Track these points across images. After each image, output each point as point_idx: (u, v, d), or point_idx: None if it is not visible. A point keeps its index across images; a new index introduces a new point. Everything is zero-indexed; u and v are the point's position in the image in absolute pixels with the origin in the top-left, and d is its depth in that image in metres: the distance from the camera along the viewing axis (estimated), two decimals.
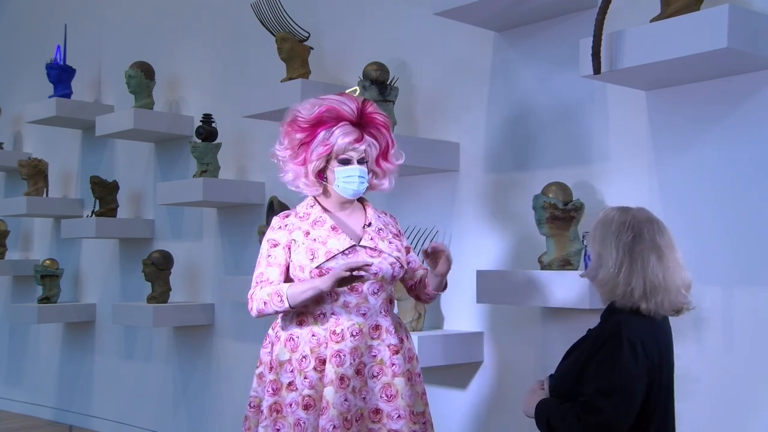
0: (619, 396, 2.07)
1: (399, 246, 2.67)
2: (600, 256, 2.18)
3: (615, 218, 2.21)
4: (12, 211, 5.84)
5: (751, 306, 2.68)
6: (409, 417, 2.51)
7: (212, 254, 4.83)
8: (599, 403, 2.06)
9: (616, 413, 2.06)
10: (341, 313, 2.54)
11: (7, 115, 6.64)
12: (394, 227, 2.75)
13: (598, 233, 2.21)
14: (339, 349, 2.50)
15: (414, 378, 2.64)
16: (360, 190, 2.62)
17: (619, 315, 2.16)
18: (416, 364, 2.68)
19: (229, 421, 4.65)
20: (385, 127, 2.64)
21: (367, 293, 2.56)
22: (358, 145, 2.56)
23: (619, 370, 2.07)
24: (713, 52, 2.45)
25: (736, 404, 2.71)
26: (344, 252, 2.54)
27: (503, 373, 3.39)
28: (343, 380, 2.48)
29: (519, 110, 3.39)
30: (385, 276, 2.58)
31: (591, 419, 2.06)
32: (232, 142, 4.67)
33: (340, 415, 2.44)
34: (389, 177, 2.72)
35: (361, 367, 2.53)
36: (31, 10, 6.74)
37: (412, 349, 2.69)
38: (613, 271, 2.14)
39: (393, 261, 2.60)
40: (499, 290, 3.14)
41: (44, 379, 6.12)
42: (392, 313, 2.68)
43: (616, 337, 2.10)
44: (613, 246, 2.16)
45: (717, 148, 2.78)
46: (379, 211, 2.76)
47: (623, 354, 2.07)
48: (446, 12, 3.21)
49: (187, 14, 5.16)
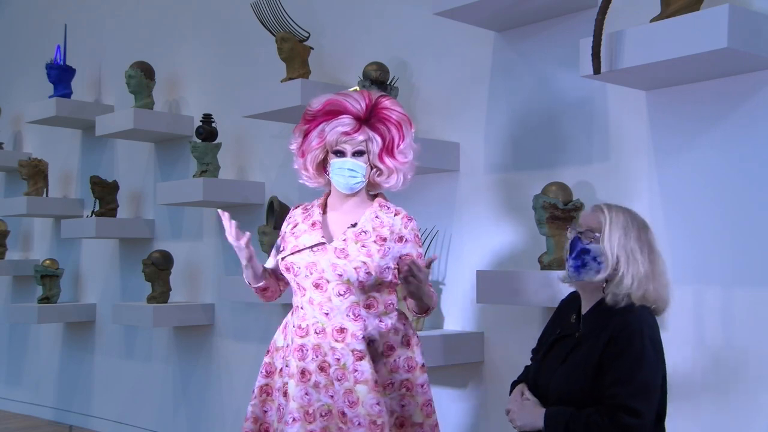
0: (651, 395, 2.07)
1: (374, 251, 2.51)
2: (625, 262, 2.16)
3: (628, 223, 2.20)
4: (12, 211, 5.84)
5: (751, 306, 2.68)
6: (368, 426, 2.43)
7: (212, 254, 4.83)
8: (635, 404, 2.03)
9: (650, 413, 2.06)
10: (307, 308, 2.55)
11: (7, 115, 6.64)
12: (395, 231, 2.58)
13: (616, 237, 2.18)
14: (302, 343, 2.53)
15: (415, 388, 2.57)
16: (352, 184, 2.58)
17: (633, 311, 2.14)
18: (419, 374, 2.59)
19: (229, 421, 4.65)
20: (394, 123, 2.56)
21: (332, 293, 2.51)
22: (353, 136, 2.53)
23: (648, 368, 2.07)
24: (713, 52, 2.45)
25: (736, 404, 2.71)
26: (311, 248, 2.54)
27: (503, 373, 3.39)
28: (304, 374, 2.50)
29: (519, 110, 3.39)
30: (350, 280, 2.49)
31: (627, 421, 2.02)
32: (232, 142, 4.67)
33: (300, 408, 2.47)
34: (397, 175, 2.61)
35: (325, 365, 2.50)
36: (31, 10, 6.74)
37: (414, 358, 2.60)
38: (639, 278, 2.15)
39: (358, 265, 2.48)
40: (499, 290, 3.14)
41: (44, 379, 6.12)
42: (372, 319, 2.54)
43: (640, 336, 2.08)
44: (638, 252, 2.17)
45: (717, 148, 2.78)
46: (391, 210, 2.62)
47: (649, 352, 2.07)
48: (446, 12, 3.21)
49: (187, 14, 5.16)
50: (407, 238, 2.59)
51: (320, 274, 2.51)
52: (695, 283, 2.79)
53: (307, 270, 2.53)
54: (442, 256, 3.63)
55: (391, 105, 2.58)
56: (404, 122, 2.59)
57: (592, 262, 2.20)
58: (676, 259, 2.75)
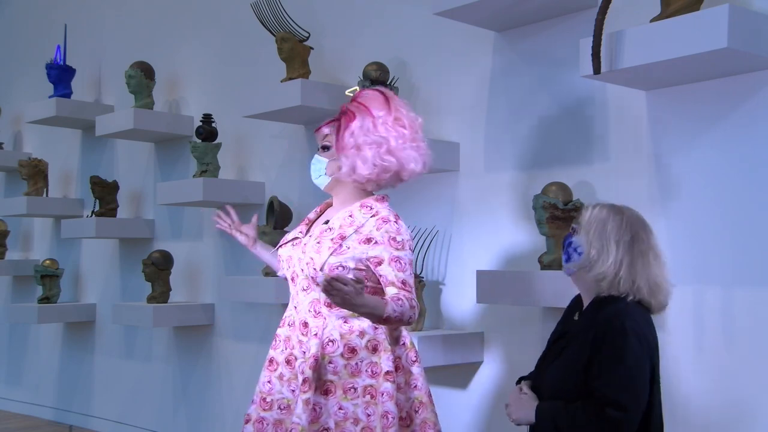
0: (636, 388, 2.07)
1: (325, 249, 2.45)
2: (597, 251, 2.19)
3: (611, 216, 2.23)
4: (12, 211, 5.84)
5: (751, 306, 2.68)
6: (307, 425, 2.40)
7: (212, 254, 4.83)
8: (620, 398, 2.04)
9: (636, 405, 2.06)
10: (289, 301, 2.62)
11: (7, 115, 6.64)
12: (363, 231, 2.46)
13: (593, 228, 2.21)
14: (278, 333, 2.60)
15: (377, 396, 2.42)
16: (314, 180, 2.59)
17: (618, 305, 2.16)
18: (382, 382, 2.42)
19: (229, 421, 4.65)
20: (347, 110, 2.51)
21: (299, 287, 2.54)
22: (320, 131, 2.58)
23: (631, 362, 2.07)
24: (713, 52, 2.45)
25: (736, 404, 2.71)
26: (291, 242, 2.61)
27: (503, 373, 3.39)
28: (272, 363, 2.57)
29: (519, 110, 3.39)
30: (308, 275, 2.48)
31: (613, 415, 2.04)
32: (232, 142, 4.67)
33: (259, 393, 2.54)
34: (345, 161, 2.49)
35: (291, 358, 2.52)
36: (31, 10, 6.74)
37: (378, 364, 2.45)
38: (613, 267, 2.16)
39: (308, 261, 2.47)
40: (499, 290, 3.14)
41: (44, 379, 6.12)
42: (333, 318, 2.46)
43: (622, 330, 2.09)
44: (612, 242, 2.18)
45: (717, 148, 2.77)
46: (371, 211, 2.51)
47: (632, 345, 2.08)
48: (446, 12, 3.21)
49: (187, 14, 5.16)
50: (377, 240, 2.44)
51: (293, 267, 2.57)
52: (695, 283, 2.79)
53: (286, 263, 2.61)
54: (442, 256, 3.63)
55: (360, 95, 2.55)
56: (357, 108, 2.50)
57: (573, 253, 2.26)
58: (676, 259, 2.75)
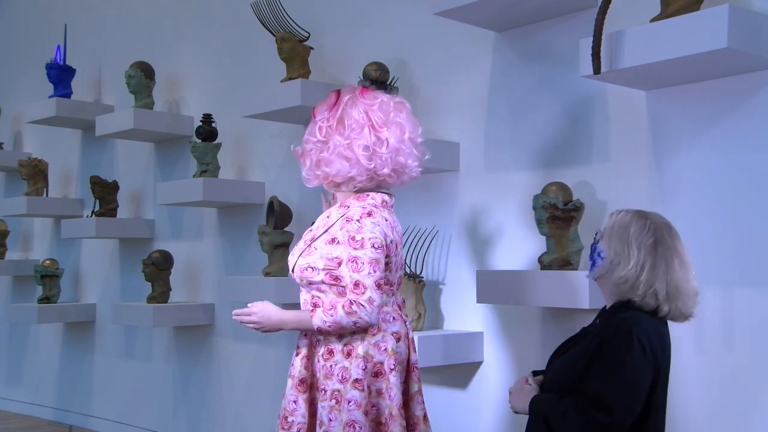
0: (628, 394, 2.06)
1: (297, 249, 2.53)
2: (617, 255, 2.17)
3: (634, 220, 2.21)
4: (12, 211, 5.84)
5: (751, 306, 2.68)
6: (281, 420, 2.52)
7: (212, 254, 4.83)
8: (608, 400, 2.04)
9: (624, 411, 2.05)
10: (289, 301, 2.71)
11: (7, 115, 6.64)
12: (331, 231, 2.45)
13: (615, 232, 2.20)
14: None
15: (342, 403, 2.38)
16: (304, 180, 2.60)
17: (629, 312, 2.15)
18: (349, 389, 2.37)
19: (229, 421, 4.65)
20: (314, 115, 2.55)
21: None
22: None
23: (630, 367, 2.06)
24: (713, 52, 2.45)
25: (736, 404, 2.71)
26: None
27: (503, 373, 3.39)
28: (298, 348, 2.56)
29: (519, 110, 3.39)
30: None
31: (597, 416, 2.04)
32: (232, 142, 4.67)
33: (298, 375, 2.51)
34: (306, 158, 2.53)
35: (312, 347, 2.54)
36: (31, 10, 6.74)
37: (348, 369, 2.40)
38: (634, 271, 2.14)
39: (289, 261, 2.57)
40: (499, 290, 3.14)
41: (44, 379, 6.12)
42: None
43: (627, 335, 2.08)
44: (634, 246, 2.16)
45: (717, 148, 2.78)
46: (347, 210, 2.47)
47: (634, 352, 2.07)
48: (446, 12, 3.21)
49: (187, 14, 5.16)
50: (339, 240, 2.40)
51: None
52: None
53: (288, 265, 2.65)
54: (442, 256, 3.63)
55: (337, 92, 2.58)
56: (319, 105, 2.56)
57: (597, 258, 2.26)
58: None
